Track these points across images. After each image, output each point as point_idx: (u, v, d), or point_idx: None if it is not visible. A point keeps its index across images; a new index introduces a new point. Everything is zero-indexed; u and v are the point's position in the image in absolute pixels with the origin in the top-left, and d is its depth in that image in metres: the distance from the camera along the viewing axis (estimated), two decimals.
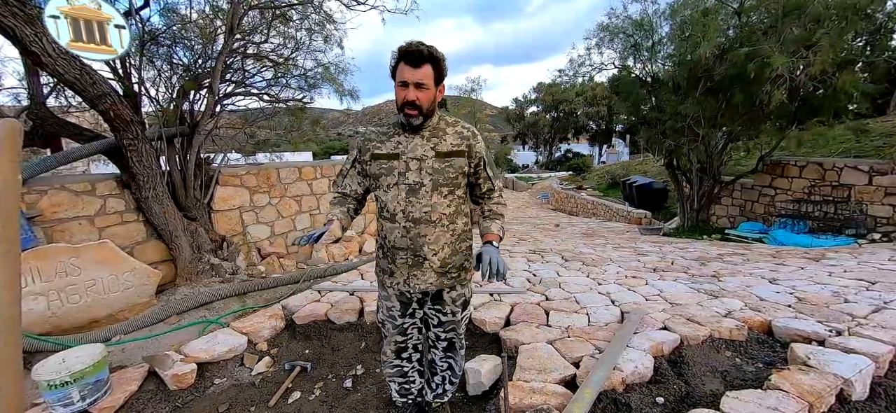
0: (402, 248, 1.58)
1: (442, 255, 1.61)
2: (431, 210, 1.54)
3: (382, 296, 1.78)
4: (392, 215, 1.57)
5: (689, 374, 2.27)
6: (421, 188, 1.52)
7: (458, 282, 1.70)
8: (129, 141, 3.20)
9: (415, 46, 1.42)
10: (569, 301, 3.40)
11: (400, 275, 1.64)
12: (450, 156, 1.54)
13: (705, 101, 6.80)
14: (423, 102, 1.46)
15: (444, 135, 1.56)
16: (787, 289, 3.39)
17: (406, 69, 1.43)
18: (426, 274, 1.61)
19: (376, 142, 1.59)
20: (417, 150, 1.53)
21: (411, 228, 1.55)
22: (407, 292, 1.67)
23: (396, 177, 1.53)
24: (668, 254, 5.48)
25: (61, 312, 3.17)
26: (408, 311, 1.76)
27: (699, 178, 7.71)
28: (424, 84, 1.44)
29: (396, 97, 1.49)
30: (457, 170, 1.56)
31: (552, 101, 45.64)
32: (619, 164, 23.72)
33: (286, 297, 3.82)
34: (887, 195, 5.78)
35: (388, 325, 1.80)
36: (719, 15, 6.90)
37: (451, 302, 1.73)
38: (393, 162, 1.54)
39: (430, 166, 1.52)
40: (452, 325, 1.79)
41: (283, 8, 4.03)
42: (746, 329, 2.68)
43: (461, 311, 1.78)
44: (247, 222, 4.74)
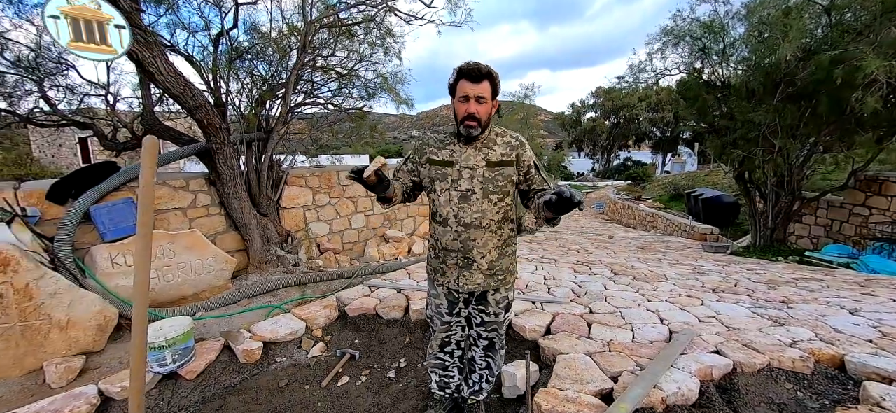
0: (453, 250, 1.72)
1: (489, 258, 1.73)
2: (481, 216, 1.67)
3: (432, 293, 1.92)
4: (444, 219, 1.72)
5: (740, 404, 2.16)
6: (472, 195, 1.66)
7: (503, 284, 1.81)
8: (217, 145, 3.72)
9: (474, 65, 1.57)
10: (613, 315, 3.32)
11: (450, 275, 1.78)
12: (499, 165, 1.66)
13: (784, 108, 6.18)
14: (482, 115, 1.60)
15: (493, 145, 1.68)
16: (870, 321, 3.04)
17: (467, 85, 1.58)
18: (474, 275, 1.74)
19: (434, 147, 1.75)
20: (470, 159, 1.66)
21: (462, 232, 1.69)
22: (455, 291, 1.81)
23: (450, 183, 1.68)
24: (733, 274, 5.07)
25: (158, 289, 3.75)
26: (455, 309, 1.89)
27: (775, 193, 6.99)
28: (483, 98, 1.59)
29: (457, 110, 1.63)
30: (506, 178, 1.67)
31: (612, 107, 43.59)
32: (684, 175, 22.03)
33: (340, 290, 4.15)
34: None
35: (436, 320, 1.94)
36: (805, 14, 6.24)
37: (494, 303, 1.83)
38: (447, 169, 1.69)
39: (481, 175, 1.65)
40: (494, 325, 1.89)
41: (349, 25, 4.42)
42: (813, 361, 2.46)
43: (503, 313, 1.88)
44: (309, 220, 5.21)
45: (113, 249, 3.47)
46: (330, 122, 5.45)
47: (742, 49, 7.31)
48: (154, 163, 1.11)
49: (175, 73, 3.07)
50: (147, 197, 1.13)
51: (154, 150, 1.11)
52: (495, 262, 1.74)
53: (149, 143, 1.10)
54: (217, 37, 4.13)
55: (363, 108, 5.21)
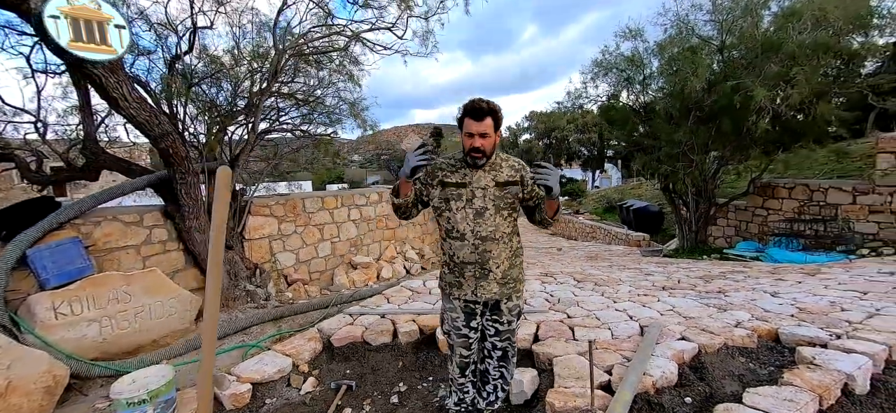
0: (471, 262, 1.88)
1: (503, 268, 1.90)
2: (495, 229, 1.86)
3: (448, 308, 2.01)
4: (462, 234, 1.87)
5: (710, 378, 2.51)
6: (486, 211, 1.85)
7: (515, 292, 1.97)
8: (180, 175, 3.47)
9: (478, 103, 1.78)
10: (590, 318, 3.63)
11: (467, 287, 1.92)
12: (507, 185, 1.88)
13: (697, 129, 7.30)
14: (486, 147, 1.80)
15: (500, 168, 1.90)
16: (788, 301, 3.69)
17: (472, 123, 1.78)
18: (490, 284, 1.90)
19: (447, 170, 1.92)
20: (482, 181, 1.86)
21: (480, 245, 1.86)
22: (472, 302, 1.94)
23: (465, 202, 1.86)
24: (674, 273, 5.76)
25: (112, 338, 3.33)
26: (471, 321, 2.00)
27: (695, 201, 8.13)
28: (487, 133, 1.79)
29: (463, 143, 1.84)
30: (513, 196, 1.90)
31: (544, 129, 46.92)
32: (614, 189, 24.33)
33: (319, 322, 4.01)
34: (871, 213, 6.21)
35: (454, 335, 2.02)
36: (704, 51, 7.51)
37: (507, 312, 1.98)
38: (461, 189, 1.87)
39: (492, 194, 1.86)
40: (508, 334, 2.03)
41: (319, 54, 4.42)
42: (756, 337, 2.95)
43: (516, 321, 2.03)
44: (275, 250, 4.96)
45: (57, 297, 3.04)
46: (294, 149, 5.31)
47: (659, 79, 8.52)
48: (227, 195, 1.12)
49: (140, 100, 2.85)
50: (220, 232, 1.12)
51: (227, 180, 1.12)
52: (507, 272, 1.92)
53: (222, 173, 1.11)
54: (172, 61, 3.91)
55: (331, 134, 5.17)
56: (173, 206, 3.82)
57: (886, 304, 3.27)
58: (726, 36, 7.17)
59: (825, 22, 5.58)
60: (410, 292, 4.85)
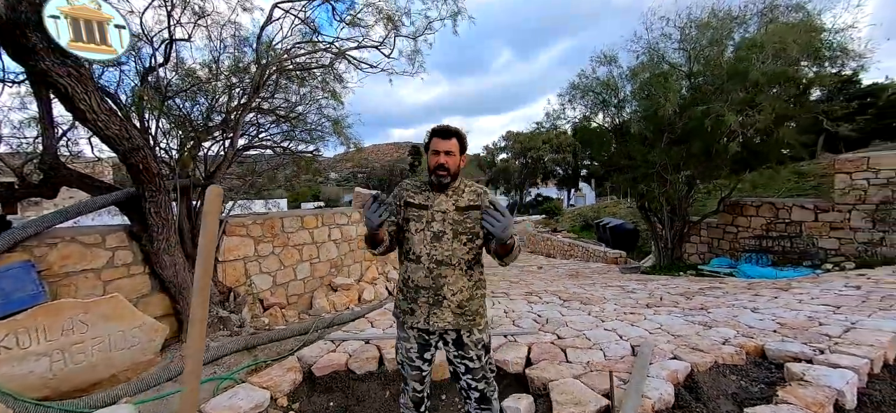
0: (425, 287, 1.80)
1: (459, 298, 1.81)
2: (451, 254, 1.79)
3: (401, 337, 1.92)
4: (418, 257, 1.81)
5: (705, 398, 2.50)
6: (444, 236, 1.80)
7: (475, 326, 1.86)
8: (150, 192, 3.23)
9: (444, 127, 1.84)
10: (580, 338, 3.59)
11: (421, 313, 1.81)
12: (467, 209, 1.84)
13: (670, 150, 7.60)
14: (451, 166, 1.80)
15: (462, 193, 1.87)
16: (768, 316, 3.78)
17: (438, 141, 1.81)
18: (444, 313, 1.80)
19: (411, 191, 1.90)
20: (443, 204, 1.83)
21: (434, 269, 1.79)
22: (425, 332, 1.84)
23: (424, 224, 1.82)
24: (655, 290, 5.86)
25: (63, 374, 2.99)
26: (425, 353, 1.89)
27: (670, 219, 8.40)
28: (452, 152, 1.81)
29: (430, 162, 1.83)
30: (473, 221, 1.83)
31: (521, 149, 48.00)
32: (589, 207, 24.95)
33: (298, 349, 3.78)
34: (832, 229, 6.60)
35: (407, 367, 1.91)
36: (674, 77, 7.90)
37: (473, 346, 1.85)
38: (422, 211, 1.83)
39: (451, 218, 1.81)
40: (481, 372, 1.89)
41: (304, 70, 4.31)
42: (744, 354, 2.98)
43: (484, 355, 1.90)
44: (251, 272, 4.69)
45: (1, 329, 2.70)
46: (273, 166, 5.10)
47: (633, 102, 8.88)
48: (217, 214, 1.00)
49: (109, 112, 2.65)
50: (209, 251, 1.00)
51: (218, 199, 1.00)
52: (466, 303, 1.83)
53: (213, 193, 1.00)
54: (146, 72, 3.70)
55: (314, 152, 5.01)
56: (140, 225, 3.55)
57: (859, 318, 3.40)
58: (694, 64, 7.59)
59: (784, 53, 6.02)
60: None
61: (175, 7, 3.69)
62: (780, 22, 6.46)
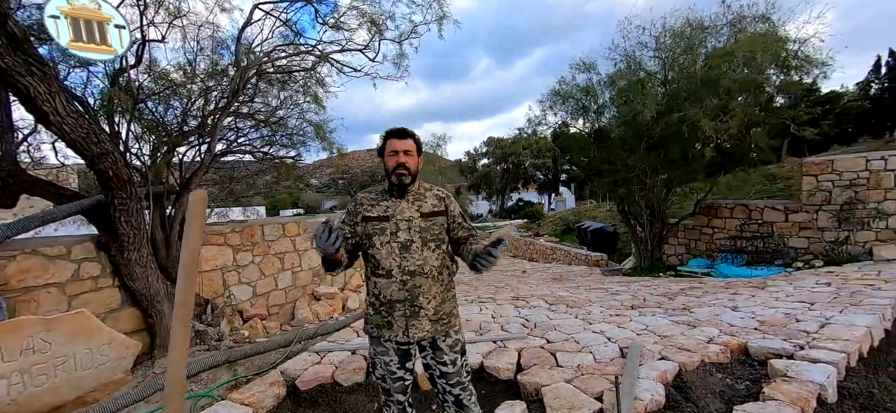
0: (400, 300, 1.73)
1: (434, 304, 1.77)
2: (423, 263, 1.74)
3: (379, 351, 1.83)
4: (388, 271, 1.73)
5: (695, 397, 2.53)
6: (412, 245, 1.74)
7: (451, 328, 1.84)
8: (121, 200, 3.05)
9: (399, 127, 1.81)
10: (569, 341, 3.59)
11: (398, 327, 1.75)
12: (432, 215, 1.80)
13: (649, 155, 7.81)
14: (410, 165, 1.76)
15: (425, 198, 1.83)
16: (748, 314, 3.89)
17: (395, 142, 1.77)
18: (422, 322, 1.75)
19: (368, 205, 1.82)
20: (405, 212, 1.77)
21: (408, 281, 1.72)
22: (404, 343, 1.78)
23: (389, 236, 1.74)
24: (638, 292, 5.97)
25: (22, 398, 2.76)
26: (407, 363, 1.84)
27: (650, 222, 8.61)
28: (410, 151, 1.77)
29: (388, 164, 1.77)
30: (440, 226, 1.81)
31: (502, 154, 48.50)
32: (570, 211, 25.37)
33: (281, 362, 3.64)
34: (801, 229, 6.91)
35: (389, 380, 1.84)
36: (650, 84, 8.16)
37: (448, 350, 1.82)
38: (384, 223, 1.76)
39: (417, 225, 1.76)
40: (456, 376, 1.84)
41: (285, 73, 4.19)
42: (729, 352, 3.05)
43: (460, 357, 1.86)
44: (230, 283, 4.49)
45: None
46: (253, 172, 4.93)
47: (611, 108, 9.10)
48: (202, 220, 0.92)
49: (76, 115, 2.47)
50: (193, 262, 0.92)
51: (202, 206, 0.93)
52: (440, 307, 1.79)
53: (197, 198, 0.92)
54: (116, 74, 3.51)
55: (295, 158, 4.88)
56: (109, 235, 3.34)
57: (833, 313, 3.54)
58: (669, 71, 7.85)
59: (753, 62, 6.31)
60: None
61: (148, 6, 3.53)
62: (748, 32, 6.78)
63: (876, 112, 14.40)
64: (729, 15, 7.21)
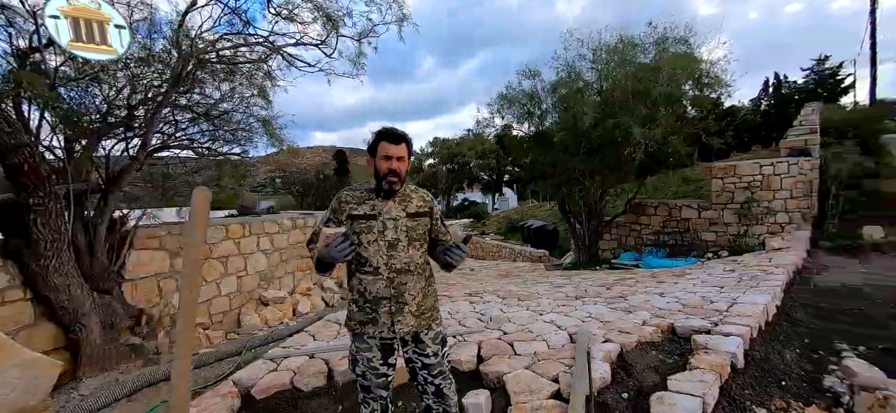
0: (386, 297, 1.78)
1: (418, 300, 1.85)
2: (410, 261, 1.81)
3: (361, 348, 1.84)
4: (375, 269, 1.78)
5: (635, 373, 2.86)
6: (399, 243, 1.80)
7: (433, 321, 1.91)
8: (38, 199, 2.67)
9: (393, 130, 1.82)
10: (524, 332, 3.82)
11: (384, 323, 1.80)
12: (418, 216, 1.87)
13: (587, 158, 8.49)
14: (401, 171, 1.80)
15: (410, 199, 1.89)
16: (673, 299, 4.44)
17: (388, 146, 1.78)
18: (407, 317, 1.82)
19: (353, 204, 1.84)
20: (392, 211, 1.82)
21: (395, 278, 1.78)
22: (389, 338, 1.83)
23: (376, 234, 1.79)
24: (579, 284, 6.47)
25: None
26: (389, 358, 1.88)
27: (587, 220, 9.36)
28: (402, 158, 1.80)
29: (379, 167, 1.79)
30: (424, 227, 1.89)
31: (447, 154, 49.17)
32: (514, 210, 26.48)
33: (232, 372, 3.43)
34: (711, 225, 7.99)
35: (370, 376, 1.85)
36: (588, 93, 8.88)
37: (430, 342, 1.89)
38: (371, 221, 1.80)
39: (404, 225, 1.82)
40: (438, 369, 1.92)
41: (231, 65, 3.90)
42: (660, 332, 3.46)
43: (441, 349, 1.94)
44: (166, 290, 4.10)
45: None
46: (193, 169, 4.53)
47: (554, 114, 9.73)
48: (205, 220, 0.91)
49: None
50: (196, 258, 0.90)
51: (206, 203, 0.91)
52: (422, 303, 1.87)
53: (200, 195, 0.90)
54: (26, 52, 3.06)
55: (242, 154, 4.57)
56: (19, 239, 2.90)
57: (738, 294, 4.17)
58: (604, 82, 8.61)
59: (675, 78, 7.18)
60: (338, 326, 4.48)
61: None
62: (670, 52, 7.68)
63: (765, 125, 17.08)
64: (654, 34, 8.11)
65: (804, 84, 19.29)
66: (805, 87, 18.98)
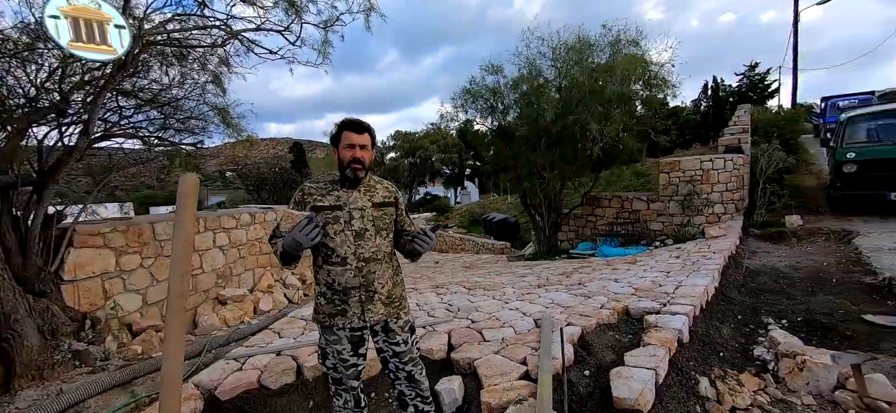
0: (355, 286, 1.80)
1: (387, 288, 1.89)
2: (377, 250, 1.85)
3: (331, 340, 1.84)
4: (343, 259, 1.79)
5: (595, 352, 3.08)
6: (366, 233, 1.83)
7: (401, 309, 1.97)
8: None
9: (356, 120, 1.84)
10: (491, 320, 3.96)
11: (353, 313, 1.82)
12: (383, 206, 1.91)
13: (548, 152, 8.84)
14: (365, 159, 1.83)
15: (375, 189, 1.92)
16: (626, 284, 4.78)
17: (351, 135, 1.80)
18: (376, 306, 1.85)
19: (317, 195, 1.84)
20: (358, 201, 1.84)
21: (363, 267, 1.81)
22: (359, 328, 1.85)
23: (343, 224, 1.80)
24: (541, 273, 6.76)
25: None
26: (360, 349, 1.89)
27: (548, 212, 9.75)
28: (365, 146, 1.83)
29: (343, 156, 1.81)
30: (390, 216, 1.93)
31: (409, 148, 48.83)
32: (476, 203, 26.92)
33: (192, 374, 3.27)
34: (658, 215, 8.63)
35: (340, 368, 1.85)
36: (547, 89, 9.22)
37: (400, 330, 1.94)
38: (337, 212, 1.81)
39: (370, 214, 1.85)
40: (408, 356, 1.96)
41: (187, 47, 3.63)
42: (616, 314, 3.74)
43: (410, 336, 1.99)
44: (112, 292, 3.79)
45: None
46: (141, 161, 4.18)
47: (516, 109, 10.00)
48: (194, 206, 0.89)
49: None
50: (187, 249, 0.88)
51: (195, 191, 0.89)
52: (392, 292, 1.92)
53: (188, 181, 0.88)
54: None
55: (198, 145, 4.28)
56: None
57: (683, 278, 4.58)
58: (563, 79, 8.98)
59: (628, 78, 7.65)
60: (304, 322, 4.39)
61: None
62: (623, 53, 8.17)
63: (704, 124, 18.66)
64: (609, 36, 8.57)
65: (738, 87, 21.23)
66: (738, 90, 20.89)
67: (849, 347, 3.17)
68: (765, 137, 9.72)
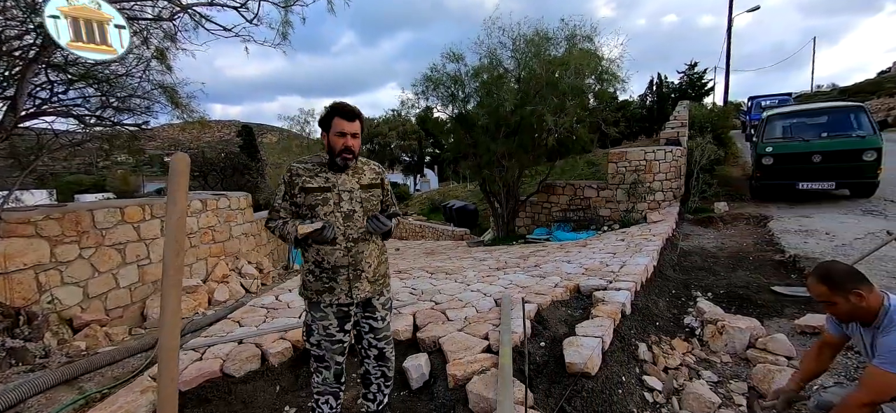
0: (344, 265, 1.88)
1: (374, 266, 1.98)
2: (365, 230, 1.92)
3: (317, 317, 1.90)
4: (332, 238, 1.85)
5: (550, 325, 3.35)
6: (354, 214, 1.90)
7: (384, 287, 2.07)
8: None
9: (348, 106, 1.87)
10: (454, 301, 4.14)
11: (341, 290, 1.89)
12: (371, 187, 1.98)
13: (506, 141, 9.14)
14: (355, 148, 1.88)
15: (363, 171, 1.99)
16: (577, 265, 5.16)
17: (343, 123, 1.83)
18: (363, 284, 1.94)
19: (306, 177, 1.88)
20: (347, 183, 1.91)
21: (352, 247, 1.88)
22: (346, 304, 1.93)
23: (332, 206, 1.86)
24: (500, 257, 7.07)
25: None
26: (345, 325, 1.97)
27: (506, 199, 10.12)
28: (356, 134, 1.88)
29: (333, 144, 1.85)
30: (377, 198, 2.01)
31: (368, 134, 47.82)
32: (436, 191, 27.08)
33: (147, 367, 3.15)
34: (607, 202, 9.28)
35: (325, 344, 1.91)
36: (507, 79, 9.48)
37: (381, 307, 2.04)
38: (327, 193, 1.87)
39: (358, 196, 1.92)
40: (384, 331, 2.06)
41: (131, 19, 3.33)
42: (568, 292, 4.05)
43: (389, 314, 2.11)
44: (49, 285, 3.50)
45: None
46: (74, 143, 3.82)
47: (477, 97, 10.19)
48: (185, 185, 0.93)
49: None
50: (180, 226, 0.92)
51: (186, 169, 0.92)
52: (377, 269, 2.01)
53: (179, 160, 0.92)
54: None
55: (141, 126, 3.98)
56: None
57: (627, 258, 5.03)
58: (522, 71, 9.27)
59: (581, 72, 8.08)
60: (265, 310, 4.31)
61: None
62: (578, 48, 8.60)
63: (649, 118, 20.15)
64: (566, 30, 8.95)
65: (679, 85, 22.99)
66: (680, 87, 22.62)
67: (760, 314, 3.70)
68: (700, 132, 10.71)
